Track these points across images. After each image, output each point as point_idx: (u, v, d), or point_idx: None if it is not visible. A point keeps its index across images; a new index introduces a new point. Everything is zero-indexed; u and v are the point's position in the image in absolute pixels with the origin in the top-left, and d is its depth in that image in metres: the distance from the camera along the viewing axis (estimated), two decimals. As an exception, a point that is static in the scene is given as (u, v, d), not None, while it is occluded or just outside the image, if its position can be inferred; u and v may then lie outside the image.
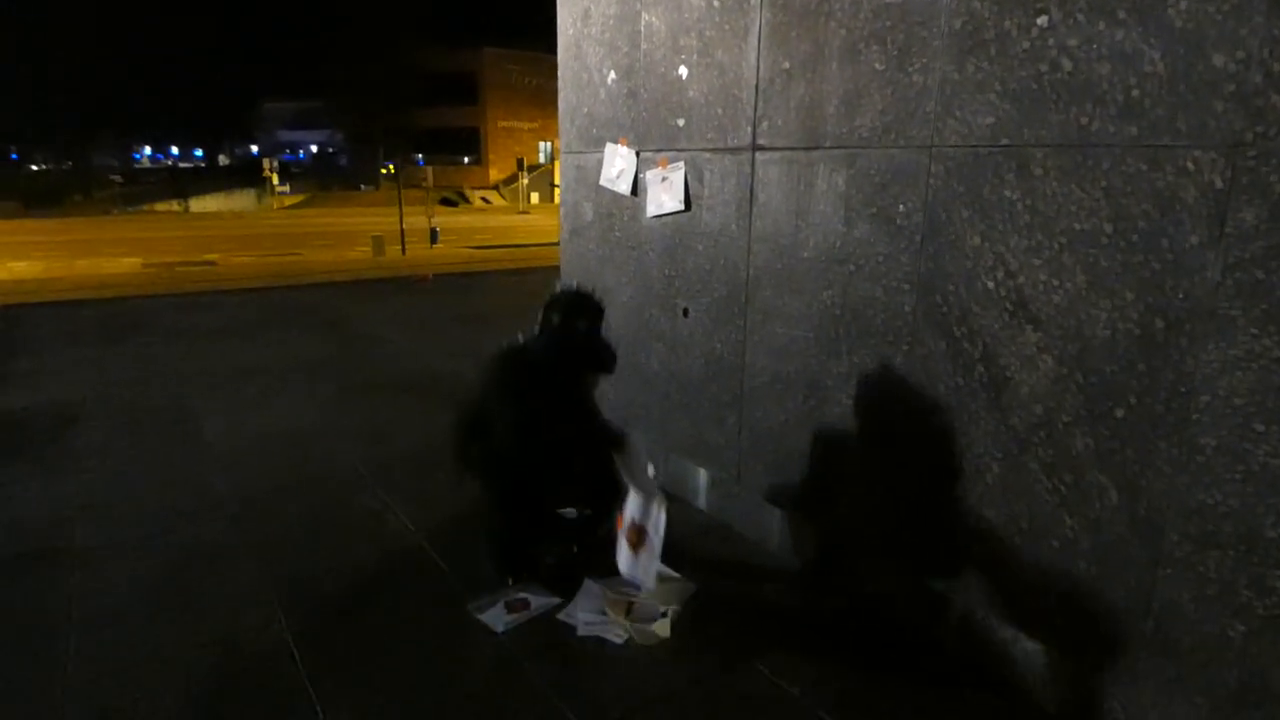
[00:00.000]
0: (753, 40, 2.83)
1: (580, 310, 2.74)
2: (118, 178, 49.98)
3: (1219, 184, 1.69)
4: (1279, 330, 1.63)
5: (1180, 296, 1.78)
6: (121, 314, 8.64)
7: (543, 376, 2.67)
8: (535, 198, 42.00)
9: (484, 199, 46.61)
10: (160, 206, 43.95)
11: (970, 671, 2.37)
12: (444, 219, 25.67)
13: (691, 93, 3.16)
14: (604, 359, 2.83)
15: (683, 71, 3.18)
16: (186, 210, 43.36)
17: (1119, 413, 1.93)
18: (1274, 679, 1.73)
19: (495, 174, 50.42)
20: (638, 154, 3.50)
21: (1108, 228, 1.89)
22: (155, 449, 4.25)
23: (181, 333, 7.52)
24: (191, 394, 5.34)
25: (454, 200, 43.71)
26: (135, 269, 15.46)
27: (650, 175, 3.41)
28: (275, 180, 41.40)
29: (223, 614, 2.67)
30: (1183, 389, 1.80)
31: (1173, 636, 1.89)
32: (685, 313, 3.37)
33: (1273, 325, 1.64)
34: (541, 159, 46.25)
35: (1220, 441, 1.75)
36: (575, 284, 2.86)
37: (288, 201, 45.00)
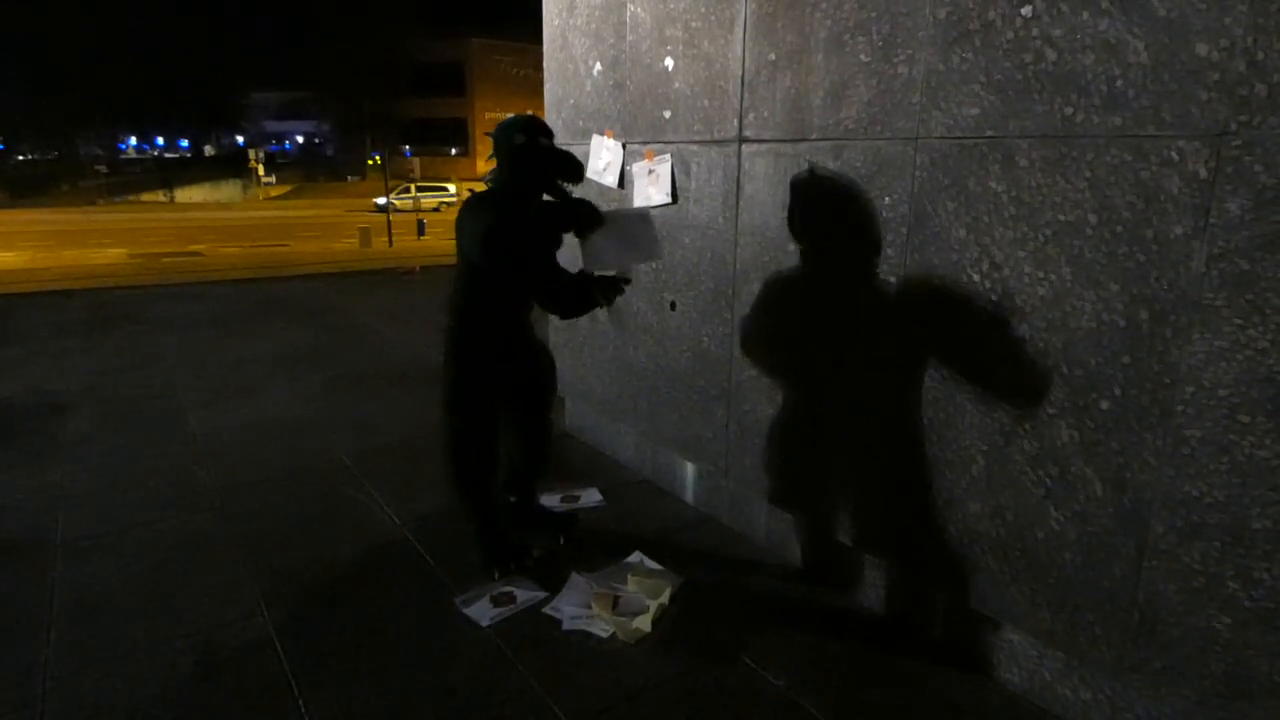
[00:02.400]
0: (738, 31, 2.81)
1: (535, 127, 2.66)
2: (103, 168, 49.47)
3: (1203, 174, 1.68)
4: (1263, 321, 1.63)
5: (1165, 288, 1.78)
6: (108, 304, 8.55)
7: (515, 195, 2.65)
8: (523, 189, 41.83)
9: (470, 190, 46.47)
10: (146, 197, 43.54)
11: (955, 663, 2.37)
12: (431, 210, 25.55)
13: (678, 84, 3.13)
14: (571, 164, 2.68)
15: (669, 63, 3.16)
16: (172, 201, 42.99)
17: (1104, 405, 1.93)
18: (1260, 671, 1.73)
19: (482, 165, 50.03)
20: (624, 146, 3.47)
21: (1092, 219, 1.89)
22: (141, 439, 4.21)
23: (168, 323, 7.45)
24: (178, 384, 5.29)
25: (442, 191, 43.58)
26: (122, 259, 15.34)
27: (637, 168, 3.39)
28: (261, 171, 41.10)
29: (205, 606, 2.65)
30: (1168, 380, 1.80)
31: (1159, 628, 1.90)
32: (673, 306, 3.35)
33: (1257, 316, 1.64)
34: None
35: (1205, 433, 1.75)
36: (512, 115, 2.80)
37: (274, 192, 44.70)
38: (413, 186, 37.61)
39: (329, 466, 3.87)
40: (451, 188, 37.73)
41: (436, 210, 34.51)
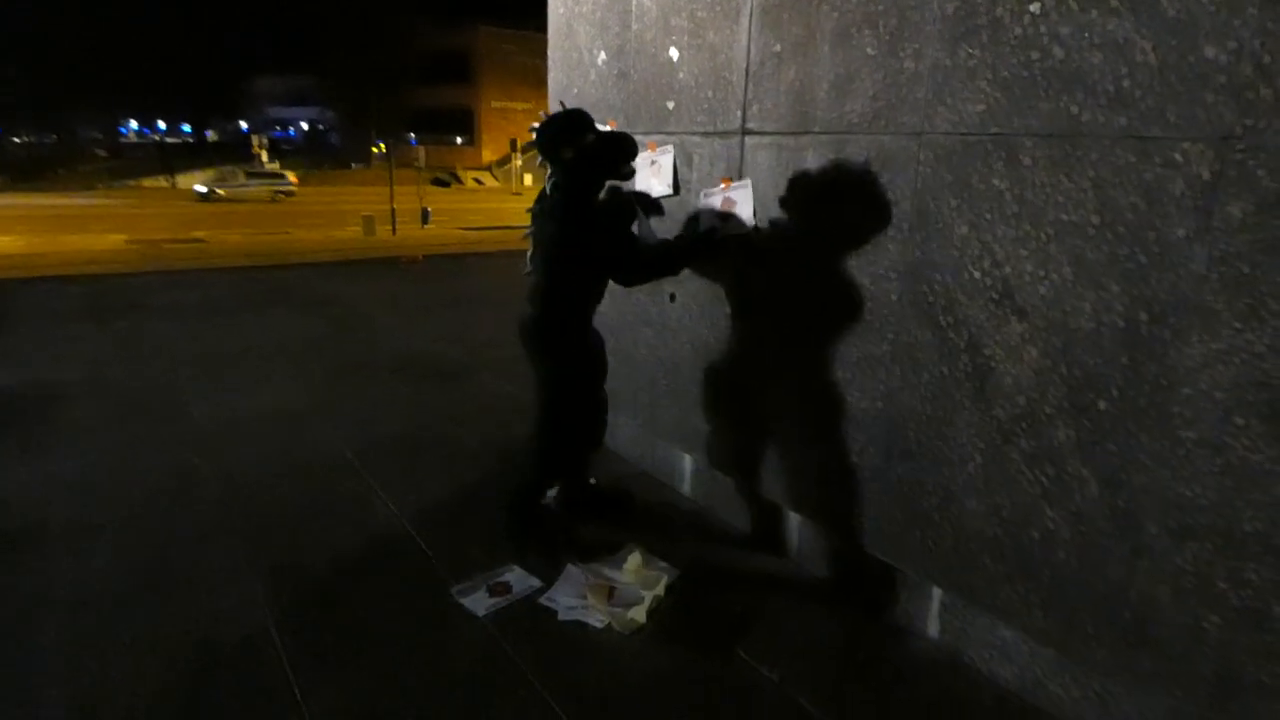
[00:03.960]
0: (744, 22, 2.79)
1: (578, 127, 2.70)
2: (103, 152, 49.30)
3: (1206, 176, 1.68)
4: (1261, 325, 1.63)
5: (1165, 289, 1.78)
6: (109, 291, 8.55)
7: (589, 192, 2.76)
8: (529, 179, 41.70)
9: (477, 180, 46.31)
10: (148, 182, 43.40)
11: (948, 660, 2.38)
12: (436, 200, 25.51)
13: (682, 75, 3.13)
14: (626, 145, 2.81)
15: (673, 53, 3.15)
16: (174, 186, 42.88)
17: (1101, 405, 1.93)
18: (1249, 672, 1.74)
19: (489, 155, 50.06)
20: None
21: (1095, 219, 1.88)
22: (141, 429, 4.22)
23: (169, 311, 7.45)
24: (179, 374, 5.29)
25: (446, 181, 43.42)
26: (122, 246, 15.32)
27: (639, 159, 3.37)
28: (265, 157, 40.87)
29: (204, 598, 2.66)
30: (1165, 382, 1.80)
31: (1150, 628, 1.90)
32: (672, 298, 3.35)
33: (1255, 320, 1.64)
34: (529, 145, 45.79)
35: (1201, 435, 1.75)
36: (560, 105, 2.84)
37: (277, 179, 44.52)
38: (241, 173, 32.25)
39: (329, 458, 3.88)
40: (291, 176, 33.14)
41: (273, 201, 30.08)
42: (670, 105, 3.21)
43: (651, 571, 2.78)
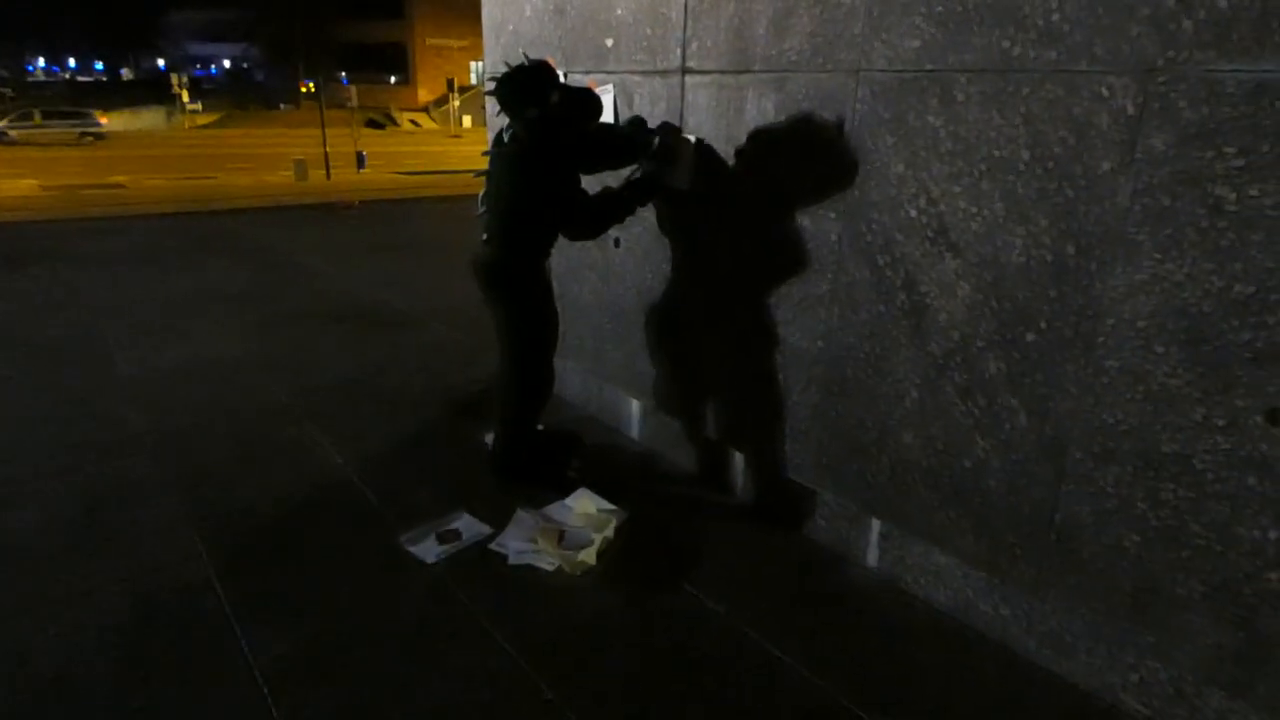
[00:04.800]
0: (681, -46, 2.71)
1: (544, 84, 2.62)
2: (8, 91, 46.12)
3: (1131, 110, 1.71)
4: (1181, 255, 1.69)
5: (1091, 223, 1.82)
6: (20, 239, 8.11)
7: (546, 146, 2.68)
8: (468, 121, 40.47)
9: (413, 121, 44.70)
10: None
11: (888, 588, 2.48)
12: (371, 142, 24.61)
13: (620, 11, 3.04)
14: (591, 105, 2.81)
15: (610, -14, 3.05)
16: (89, 129, 40.37)
17: (1030, 337, 1.99)
18: (1164, 584, 1.85)
19: (425, 95, 48.28)
20: (565, 75, 3.37)
21: (1025, 155, 1.91)
22: (64, 383, 4.05)
23: (90, 260, 7.11)
24: (102, 325, 5.08)
25: (381, 123, 41.80)
26: (34, 191, 14.45)
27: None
28: (186, 97, 38.57)
29: (142, 550, 2.60)
30: (1090, 313, 1.86)
31: (1073, 548, 2.01)
32: (616, 243, 3.32)
33: (1175, 250, 1.70)
34: (474, 80, 44.40)
35: (1123, 363, 1.83)
36: (504, 65, 2.71)
37: (200, 120, 42.25)
38: (37, 114, 27.43)
39: (268, 407, 3.79)
40: (101, 116, 28.92)
41: (81, 143, 26.32)
42: (609, 43, 3.12)
43: (601, 514, 2.82)
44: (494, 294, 2.89)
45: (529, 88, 2.61)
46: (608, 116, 3.18)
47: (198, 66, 57.38)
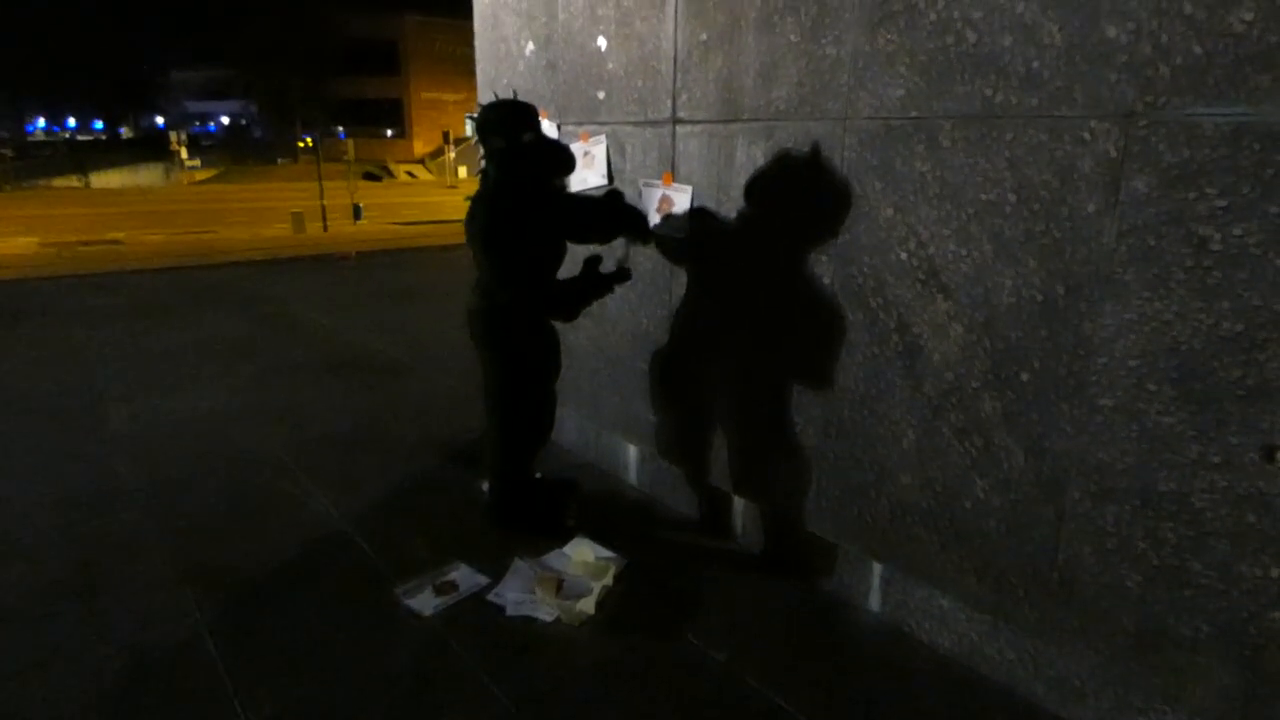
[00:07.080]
0: (670, 10, 2.79)
1: (519, 121, 2.63)
2: (8, 150, 46.73)
3: (1113, 153, 1.75)
4: (1168, 293, 1.71)
5: (1079, 263, 1.85)
6: (19, 295, 8.13)
7: (506, 194, 2.65)
8: (463, 172, 41.04)
9: (409, 173, 45.39)
10: (59, 182, 41.24)
11: (890, 632, 2.45)
12: (368, 194, 24.91)
13: (611, 65, 3.11)
14: (562, 158, 2.76)
15: (601, 43, 3.13)
16: (88, 186, 40.85)
17: (1024, 377, 2.00)
18: (1168, 625, 1.83)
19: (420, 147, 49.13)
20: (559, 127, 3.44)
21: (1011, 197, 1.95)
22: (57, 438, 4.03)
23: (86, 315, 7.11)
24: (97, 380, 5.07)
25: (378, 175, 42.44)
26: (33, 248, 14.55)
27: (573, 150, 3.35)
28: (184, 154, 39.19)
29: (133, 608, 2.56)
30: (1082, 352, 1.88)
31: (1076, 588, 1.99)
32: (612, 290, 3.34)
33: (1163, 289, 1.72)
34: (468, 132, 45.12)
35: (1117, 402, 1.84)
36: (494, 96, 2.76)
37: (199, 176, 42.83)
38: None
39: (262, 459, 3.77)
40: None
41: None
42: (601, 95, 3.19)
43: (599, 561, 2.79)
44: (476, 340, 2.87)
45: (504, 119, 2.63)
46: (599, 167, 3.24)
47: (196, 123, 58.34)
